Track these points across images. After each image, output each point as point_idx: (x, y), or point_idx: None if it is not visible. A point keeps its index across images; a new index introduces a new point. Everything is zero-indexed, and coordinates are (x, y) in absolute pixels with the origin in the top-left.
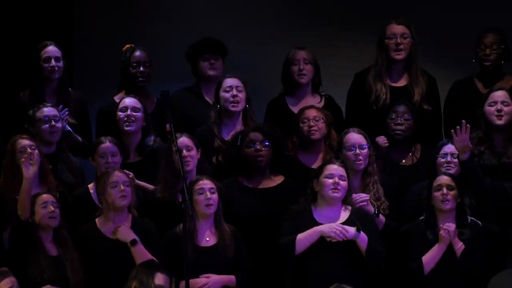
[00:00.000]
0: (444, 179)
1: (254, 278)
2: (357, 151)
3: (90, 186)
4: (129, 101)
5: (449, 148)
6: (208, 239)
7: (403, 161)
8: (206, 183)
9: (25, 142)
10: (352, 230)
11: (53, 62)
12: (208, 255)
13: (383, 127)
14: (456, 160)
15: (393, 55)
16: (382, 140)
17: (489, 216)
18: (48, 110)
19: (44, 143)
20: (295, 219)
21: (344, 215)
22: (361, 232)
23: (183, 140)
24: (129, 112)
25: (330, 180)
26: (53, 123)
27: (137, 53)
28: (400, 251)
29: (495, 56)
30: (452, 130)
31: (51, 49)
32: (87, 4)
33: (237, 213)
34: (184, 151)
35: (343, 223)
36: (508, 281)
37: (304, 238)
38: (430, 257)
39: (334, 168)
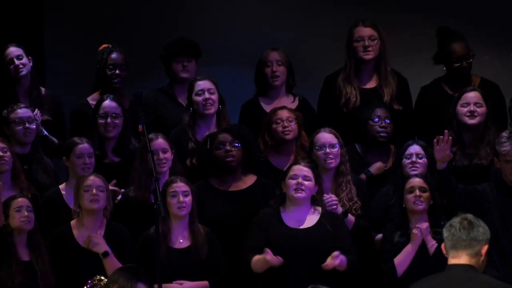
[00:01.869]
0: (416, 181)
1: (228, 282)
2: (328, 150)
3: (61, 186)
4: (108, 107)
5: (414, 148)
6: (181, 241)
7: (386, 166)
8: (179, 186)
9: None
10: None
11: (16, 62)
12: (182, 257)
13: (355, 130)
14: (421, 160)
15: (361, 55)
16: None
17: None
18: (22, 112)
19: (18, 144)
20: (263, 226)
21: (313, 217)
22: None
23: (160, 142)
24: (109, 120)
25: (294, 181)
26: (27, 124)
27: (114, 55)
28: (373, 251)
29: (470, 64)
30: (435, 140)
31: (11, 50)
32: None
33: (208, 216)
34: (160, 153)
35: (313, 226)
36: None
37: (257, 261)
38: (402, 258)
39: (299, 169)
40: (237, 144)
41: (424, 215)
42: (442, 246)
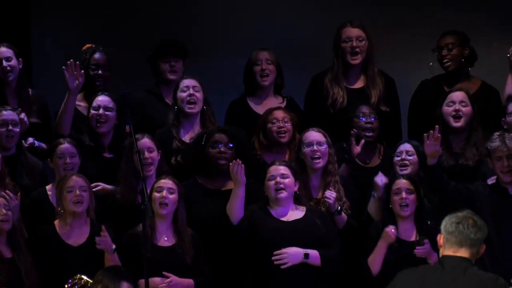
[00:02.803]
0: (403, 182)
1: (214, 281)
2: (315, 147)
3: (48, 187)
4: (101, 100)
5: (405, 146)
6: (166, 238)
7: (369, 162)
8: (166, 182)
9: None
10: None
11: (4, 63)
12: (166, 255)
13: (342, 130)
14: (411, 158)
15: (349, 59)
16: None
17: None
18: (6, 114)
19: (1, 147)
20: (251, 219)
21: (299, 212)
22: (310, 253)
23: (145, 141)
24: (101, 111)
25: (272, 182)
26: (10, 127)
27: (97, 55)
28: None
29: (452, 56)
30: (425, 134)
31: (1, 50)
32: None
33: (197, 215)
34: (146, 152)
35: (301, 219)
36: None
37: (229, 206)
38: (374, 256)
39: (275, 169)
40: (231, 145)
41: (411, 216)
42: (439, 237)
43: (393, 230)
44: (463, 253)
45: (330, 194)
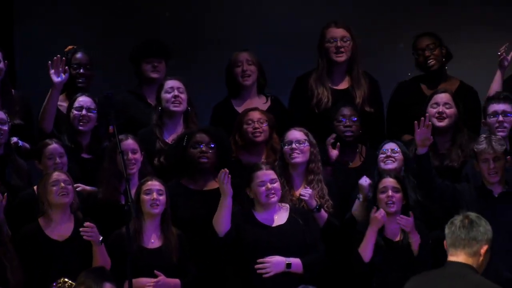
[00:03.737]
0: (389, 181)
1: (200, 280)
2: (294, 145)
3: (36, 188)
4: (83, 100)
5: (390, 145)
6: (153, 241)
7: (351, 163)
8: (154, 184)
9: None
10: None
11: None
12: (153, 257)
13: (326, 130)
14: (396, 154)
15: (333, 57)
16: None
17: (434, 215)
18: None
19: None
20: (235, 222)
21: (283, 214)
22: (292, 262)
23: (129, 142)
24: (84, 112)
25: (263, 188)
26: None
27: (78, 55)
28: (343, 249)
29: (435, 56)
30: (416, 122)
31: None
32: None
33: (181, 216)
34: (130, 153)
35: (285, 223)
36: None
37: (216, 218)
38: (364, 244)
39: (264, 174)
40: (212, 145)
41: (397, 215)
42: (444, 243)
43: (382, 214)
44: (460, 256)
45: (306, 191)
